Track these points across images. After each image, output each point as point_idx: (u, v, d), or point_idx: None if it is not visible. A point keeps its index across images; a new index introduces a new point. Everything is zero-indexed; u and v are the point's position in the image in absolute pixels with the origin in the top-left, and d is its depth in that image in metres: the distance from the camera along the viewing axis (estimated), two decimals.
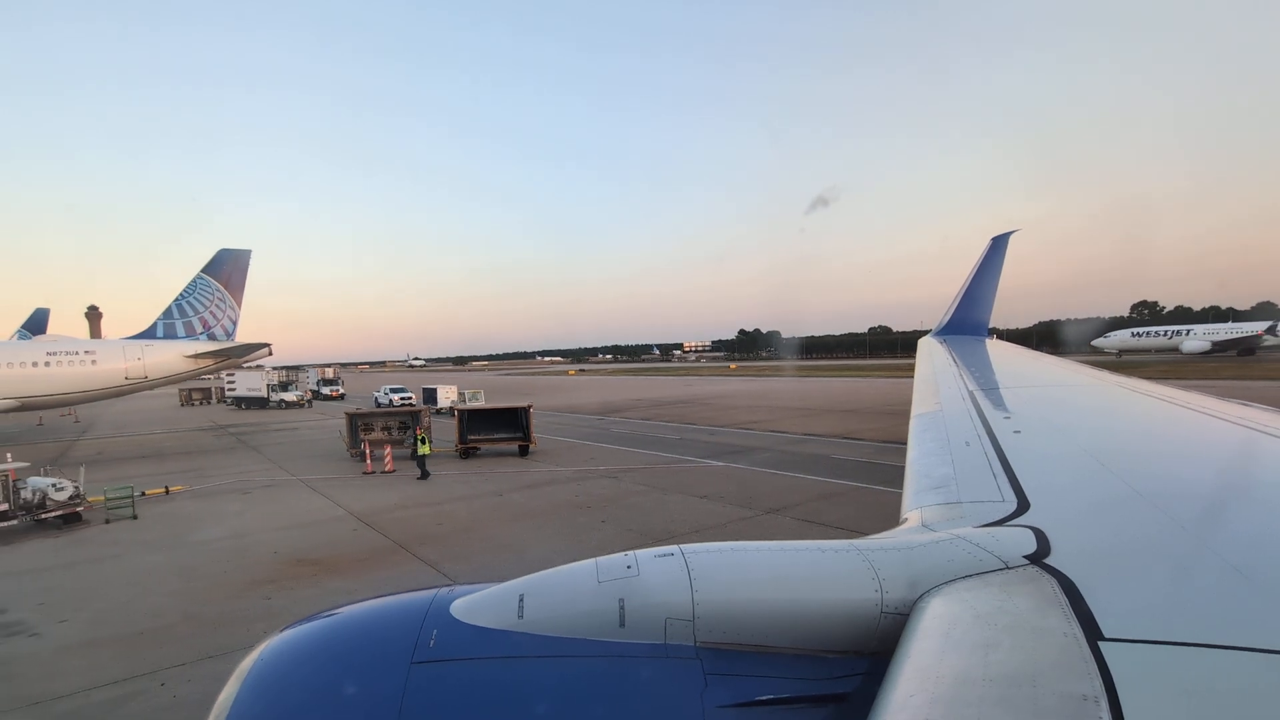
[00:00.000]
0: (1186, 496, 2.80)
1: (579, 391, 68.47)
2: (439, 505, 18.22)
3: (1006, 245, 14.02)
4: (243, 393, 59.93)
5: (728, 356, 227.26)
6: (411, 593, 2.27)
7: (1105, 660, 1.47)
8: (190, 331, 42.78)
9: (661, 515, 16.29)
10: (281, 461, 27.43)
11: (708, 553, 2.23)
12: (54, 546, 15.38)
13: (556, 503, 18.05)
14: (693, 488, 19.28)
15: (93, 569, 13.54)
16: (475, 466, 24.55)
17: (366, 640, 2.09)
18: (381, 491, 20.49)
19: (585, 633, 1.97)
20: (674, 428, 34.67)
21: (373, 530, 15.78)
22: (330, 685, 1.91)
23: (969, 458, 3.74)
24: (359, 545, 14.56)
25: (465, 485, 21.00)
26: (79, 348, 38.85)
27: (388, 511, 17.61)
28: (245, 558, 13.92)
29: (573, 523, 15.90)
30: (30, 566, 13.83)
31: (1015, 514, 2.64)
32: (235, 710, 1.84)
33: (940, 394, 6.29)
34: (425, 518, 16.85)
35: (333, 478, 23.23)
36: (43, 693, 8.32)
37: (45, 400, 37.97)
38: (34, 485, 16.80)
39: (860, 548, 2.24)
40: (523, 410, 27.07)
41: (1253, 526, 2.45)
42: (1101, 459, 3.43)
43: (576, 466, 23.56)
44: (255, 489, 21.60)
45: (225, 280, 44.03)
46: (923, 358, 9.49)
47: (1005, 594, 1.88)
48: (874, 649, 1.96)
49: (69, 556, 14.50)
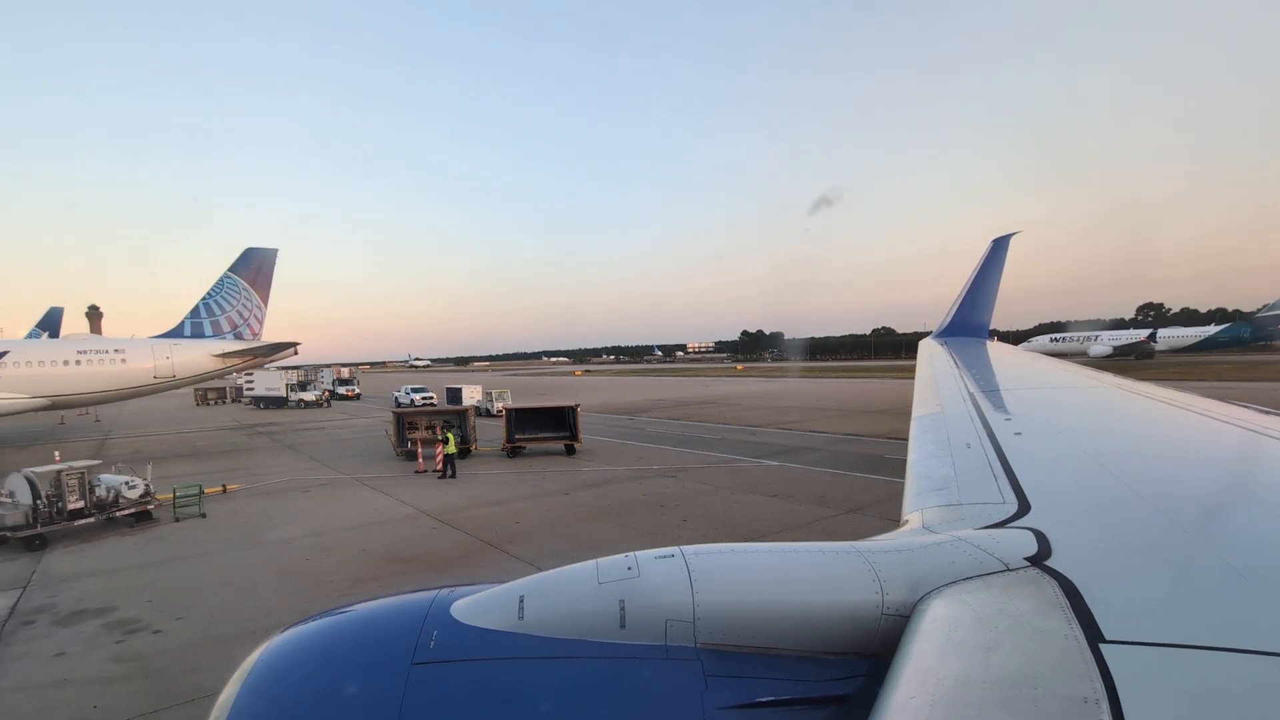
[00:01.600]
0: (1187, 498, 2.80)
1: (595, 392, 68.32)
2: (508, 504, 18.16)
3: (1007, 247, 14.10)
4: (261, 392, 59.72)
5: (731, 357, 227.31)
6: (412, 593, 2.27)
7: (1106, 662, 1.46)
8: (217, 330, 42.65)
9: (741, 514, 16.28)
10: (326, 460, 27.34)
11: (708, 554, 2.23)
12: (134, 544, 15.29)
13: (627, 501, 18.01)
14: (759, 487, 19.26)
15: (185, 566, 13.46)
16: (525, 465, 24.48)
17: (367, 641, 2.09)
18: (442, 490, 20.42)
19: (586, 634, 1.97)
20: (709, 428, 34.66)
21: (452, 529, 15.72)
22: (330, 686, 1.91)
23: (970, 459, 3.75)
24: (446, 543, 14.50)
25: (525, 484, 20.93)
26: (108, 346, 38.68)
27: (459, 510, 17.54)
28: (336, 555, 13.87)
29: (653, 521, 15.86)
30: (120, 564, 13.75)
31: (1016, 516, 2.64)
32: (236, 710, 1.84)
33: (941, 396, 6.30)
34: (501, 516, 16.79)
35: (386, 476, 23.15)
36: (194, 687, 8.26)
37: (75, 399, 37.80)
38: (108, 483, 16.71)
39: (861, 549, 2.24)
40: (569, 410, 27.05)
41: (1253, 528, 2.45)
42: (1102, 461, 3.44)
43: (629, 466, 23.52)
44: (312, 487, 21.52)
45: (251, 279, 43.91)
46: (923, 359, 9.52)
47: (1006, 596, 1.88)
48: (875, 650, 1.95)
49: (155, 554, 14.42)
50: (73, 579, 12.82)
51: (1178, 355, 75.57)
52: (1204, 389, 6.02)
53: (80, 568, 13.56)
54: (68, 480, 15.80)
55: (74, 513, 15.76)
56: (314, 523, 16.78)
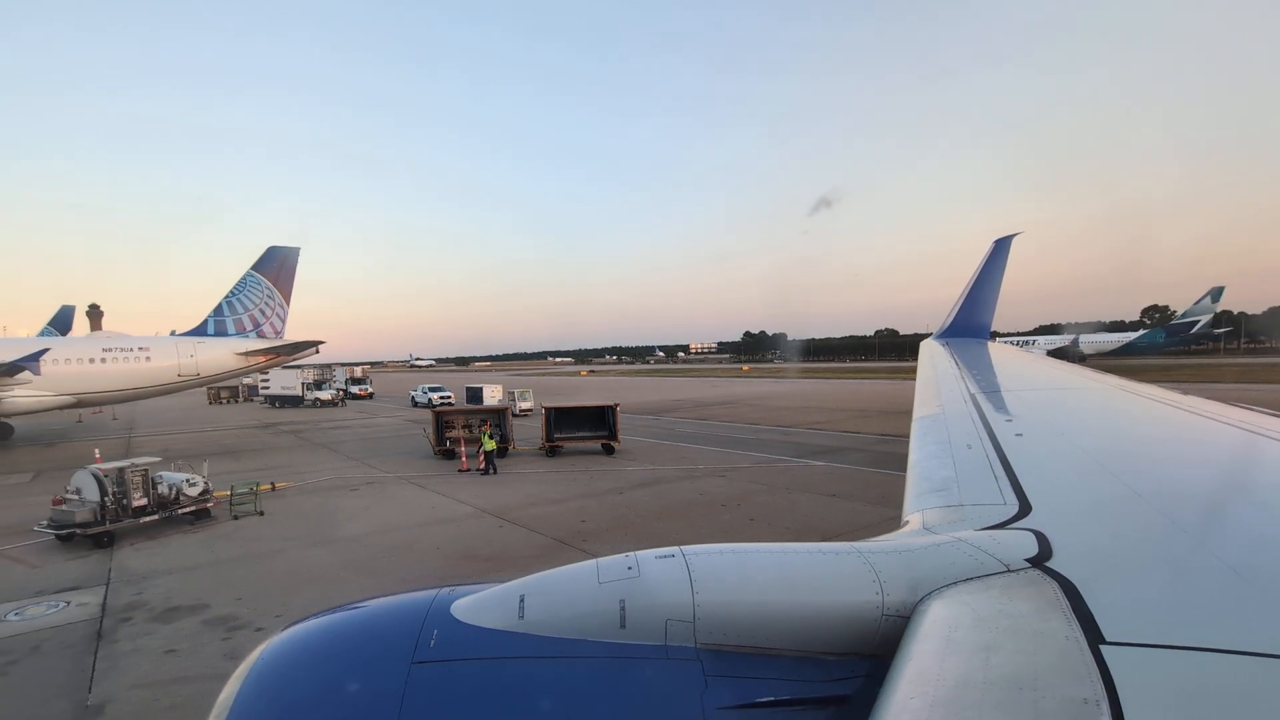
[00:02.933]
0: (1188, 500, 2.81)
1: (609, 392, 68.21)
2: (565, 503, 18.13)
3: (1009, 248, 14.17)
4: (277, 391, 59.56)
5: (733, 358, 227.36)
6: (412, 592, 2.28)
7: (1106, 664, 1.47)
8: (240, 329, 42.58)
9: (806, 512, 16.28)
10: (364, 459, 27.28)
11: (708, 554, 2.24)
12: (200, 542, 15.25)
13: (684, 501, 18.00)
14: (813, 486, 19.26)
15: (262, 564, 13.42)
16: (568, 464, 24.44)
17: (367, 640, 2.10)
18: (493, 488, 20.39)
19: (586, 633, 1.98)
20: (738, 428, 34.66)
21: (518, 526, 15.69)
22: (330, 685, 1.92)
23: (970, 460, 3.75)
24: (518, 542, 14.48)
25: (576, 483, 20.90)
26: (133, 344, 38.63)
27: (518, 508, 17.50)
28: (412, 554, 13.84)
29: (720, 520, 15.85)
30: (194, 562, 13.70)
31: (1017, 517, 2.65)
32: (236, 709, 1.84)
33: (942, 396, 6.31)
34: (563, 515, 16.76)
35: (430, 474, 23.10)
36: None
37: (100, 397, 37.76)
38: (169, 480, 16.66)
39: (861, 550, 2.25)
40: (609, 409, 27.01)
41: (1254, 530, 2.45)
42: (1103, 462, 3.45)
43: (672, 465, 23.50)
44: (360, 485, 21.47)
45: (274, 278, 43.85)
46: (924, 360, 9.53)
47: (1006, 597, 1.89)
48: (874, 651, 1.96)
49: (225, 552, 14.37)
50: (153, 576, 12.77)
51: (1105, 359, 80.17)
52: (1204, 391, 6.05)
53: (155, 565, 13.51)
54: (132, 477, 15.75)
55: (138, 510, 15.71)
56: (375, 521, 16.74)
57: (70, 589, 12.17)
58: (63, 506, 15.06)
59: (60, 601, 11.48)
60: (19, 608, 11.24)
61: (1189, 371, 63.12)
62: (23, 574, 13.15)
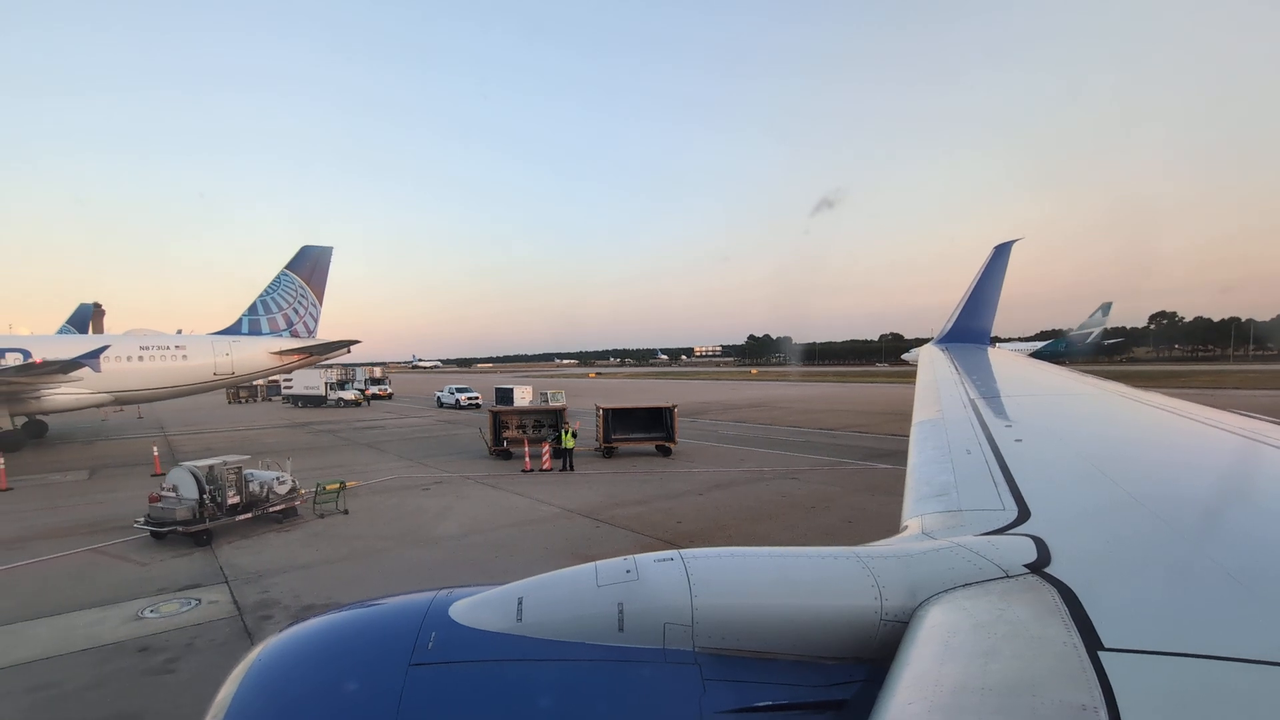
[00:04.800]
0: (1187, 506, 2.83)
1: (625, 395, 68.30)
2: (650, 503, 18.08)
3: (1009, 253, 14.23)
4: (300, 390, 59.36)
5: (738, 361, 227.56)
6: (410, 594, 2.29)
7: (1105, 670, 1.48)
8: (274, 328, 42.48)
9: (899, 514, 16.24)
10: (418, 458, 27.20)
11: (707, 558, 2.25)
12: (299, 540, 15.16)
13: (769, 503, 17.98)
14: (887, 488, 19.24)
15: (375, 563, 13.35)
16: (629, 465, 24.39)
17: (364, 642, 2.10)
18: (569, 488, 20.32)
19: (584, 636, 1.98)
20: (781, 430, 34.67)
21: (615, 527, 15.64)
22: (327, 687, 1.92)
23: (970, 465, 3.77)
24: (623, 542, 14.42)
25: (650, 484, 20.84)
26: (169, 343, 38.49)
27: (605, 509, 17.46)
28: (518, 554, 13.80)
29: (816, 523, 15.83)
30: (303, 560, 13.61)
31: (1016, 522, 2.66)
32: (233, 710, 1.85)
33: (941, 401, 6.35)
34: (655, 516, 16.71)
35: (496, 474, 23.03)
36: None
37: (137, 395, 37.59)
38: (259, 478, 16.59)
39: (860, 555, 2.26)
40: (667, 410, 26.98)
41: (1254, 537, 2.47)
42: (1102, 468, 3.47)
43: (735, 468, 23.47)
44: (430, 485, 21.38)
45: (307, 277, 43.77)
46: (924, 365, 9.59)
47: (1005, 603, 1.90)
48: (873, 656, 1.97)
49: (330, 551, 14.26)
50: (270, 574, 12.70)
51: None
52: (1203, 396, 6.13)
53: (265, 563, 13.43)
54: (226, 475, 15.68)
55: (232, 507, 15.64)
56: (466, 521, 16.67)
57: (190, 587, 12.10)
58: (160, 504, 14.99)
59: (190, 600, 11.41)
60: (151, 605, 11.17)
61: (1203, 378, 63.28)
62: (133, 571, 13.06)
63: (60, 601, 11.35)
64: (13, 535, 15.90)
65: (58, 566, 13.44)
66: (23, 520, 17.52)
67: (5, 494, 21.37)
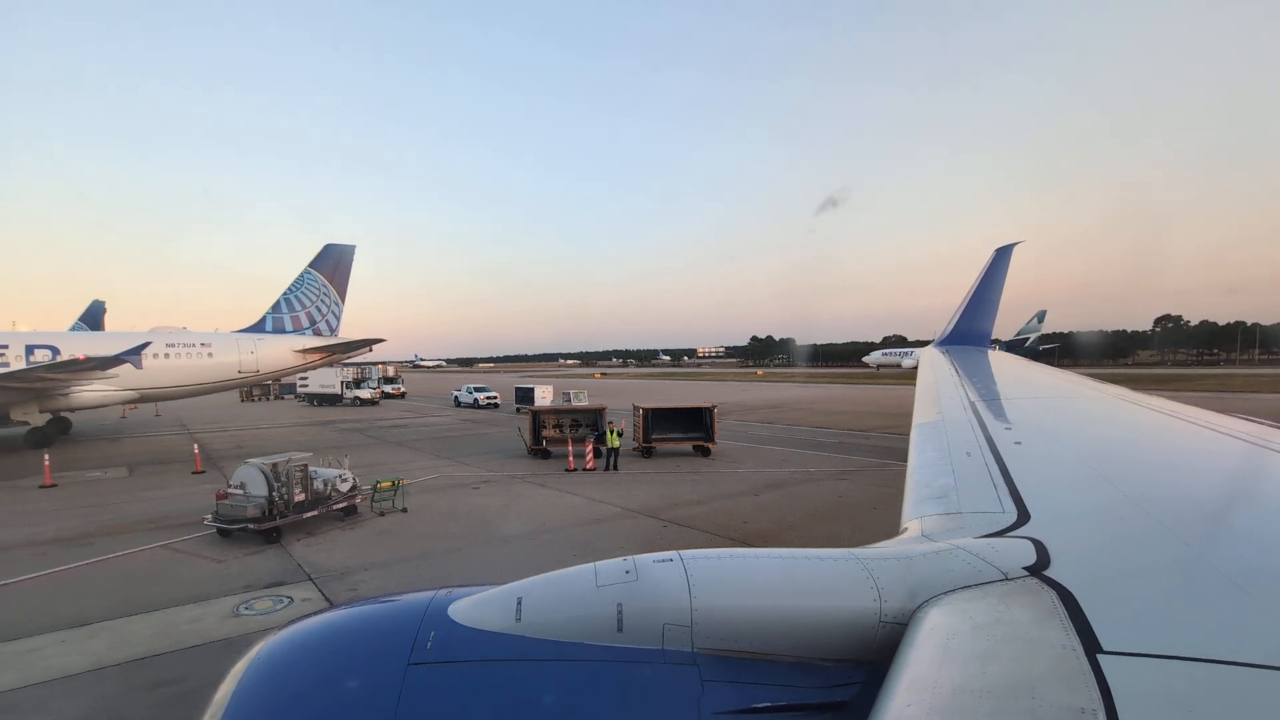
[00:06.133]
0: (1186, 510, 2.85)
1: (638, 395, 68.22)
2: (708, 503, 18.02)
3: (1010, 257, 14.30)
4: (316, 389, 59.20)
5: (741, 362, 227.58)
6: (410, 594, 2.31)
7: (1103, 673, 1.48)
8: (297, 326, 42.39)
9: None
10: (454, 457, 27.11)
11: (706, 559, 2.26)
12: (368, 538, 15.09)
13: (828, 503, 17.95)
14: None
15: (455, 560, 13.28)
16: (673, 465, 24.32)
17: (363, 641, 2.11)
18: (621, 488, 20.24)
19: (583, 637, 1.99)
20: (810, 430, 34.64)
21: (684, 527, 15.57)
22: (326, 685, 1.94)
23: (969, 468, 3.79)
24: (701, 542, 14.32)
25: (701, 484, 20.78)
26: (195, 340, 38.38)
27: (665, 509, 17.40)
28: (595, 553, 13.72)
29: (884, 523, 15.77)
30: (382, 558, 13.52)
31: (1015, 525, 2.68)
32: (231, 710, 1.86)
33: (941, 404, 6.36)
34: (717, 514, 16.67)
35: (543, 473, 22.94)
36: None
37: (163, 392, 37.46)
38: (323, 475, 16.52)
39: (860, 556, 2.27)
40: (706, 410, 26.91)
41: (1252, 541, 2.49)
42: (1102, 471, 3.49)
43: (778, 468, 23.41)
44: (479, 485, 21.28)
45: (330, 275, 43.70)
46: (924, 367, 9.58)
47: (1004, 605, 1.91)
48: (872, 658, 1.98)
49: (404, 549, 14.17)
50: (352, 571, 12.62)
51: None
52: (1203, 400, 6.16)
53: (341, 561, 13.34)
54: (293, 472, 15.60)
55: (298, 505, 15.56)
56: (530, 520, 16.58)
57: (275, 584, 12.01)
58: (227, 501, 14.91)
59: (281, 597, 11.34)
60: (244, 602, 11.10)
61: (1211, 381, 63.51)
62: (211, 568, 12.98)
63: (149, 598, 11.27)
64: (76, 532, 15.80)
65: (133, 563, 13.35)
66: (79, 517, 17.43)
67: (52, 490, 21.28)
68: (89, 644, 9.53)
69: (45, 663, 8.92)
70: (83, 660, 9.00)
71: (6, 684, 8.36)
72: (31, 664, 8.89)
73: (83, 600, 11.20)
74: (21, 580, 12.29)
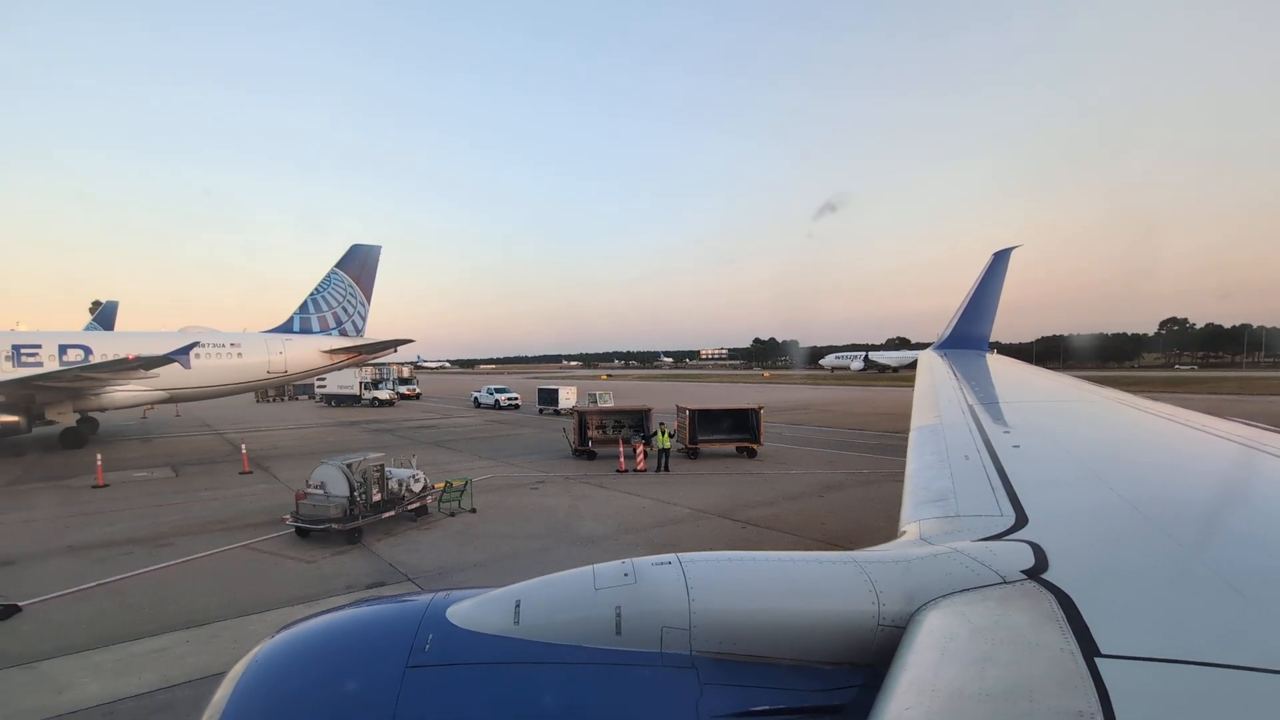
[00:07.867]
0: (1184, 514, 2.86)
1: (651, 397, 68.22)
2: (775, 505, 18.00)
3: (1008, 260, 14.32)
4: (334, 390, 59.01)
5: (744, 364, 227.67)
6: (408, 596, 2.31)
7: (1101, 676, 1.49)
8: (323, 326, 42.29)
9: None
10: (499, 458, 27.05)
11: (705, 562, 2.26)
12: (450, 538, 15.04)
13: (894, 504, 17.87)
14: None
15: (544, 560, 13.23)
16: (722, 466, 24.30)
17: (362, 643, 2.12)
18: (683, 489, 20.20)
19: (581, 640, 1.99)
20: (844, 431, 34.67)
21: (765, 529, 15.51)
22: (324, 687, 1.95)
23: (968, 471, 3.80)
24: (789, 545, 14.32)
25: (760, 485, 20.77)
26: (224, 340, 38.24)
27: (738, 509, 17.36)
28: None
29: None
30: (473, 559, 13.47)
31: (1013, 528, 2.69)
32: (229, 711, 1.87)
33: (940, 407, 6.35)
34: (791, 516, 16.64)
35: (593, 474, 22.90)
36: None
37: (193, 392, 37.27)
38: (397, 476, 16.46)
39: (858, 560, 2.29)
40: (753, 412, 26.90)
41: (1250, 544, 2.51)
42: (1100, 475, 3.49)
43: (829, 469, 23.40)
44: (536, 485, 21.23)
45: (356, 275, 43.62)
46: (923, 371, 9.55)
47: (1002, 608, 1.91)
48: (870, 661, 1.98)
49: (489, 550, 14.12)
50: (449, 571, 12.57)
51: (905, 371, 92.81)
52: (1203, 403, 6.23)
53: (431, 561, 13.28)
54: (371, 472, 15.55)
55: (376, 505, 15.52)
56: (606, 520, 16.52)
57: (374, 584, 11.97)
58: (308, 501, 14.85)
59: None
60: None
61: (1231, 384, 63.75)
62: (304, 569, 12.91)
63: (255, 598, 11.22)
64: (150, 533, 15.71)
65: (222, 563, 13.28)
66: (145, 517, 17.33)
67: (106, 490, 21.16)
68: (214, 644, 9.48)
69: (180, 662, 8.87)
70: (214, 660, 8.92)
71: (150, 684, 8.31)
72: (167, 664, 8.84)
73: (190, 600, 11.14)
74: (119, 579, 12.21)
